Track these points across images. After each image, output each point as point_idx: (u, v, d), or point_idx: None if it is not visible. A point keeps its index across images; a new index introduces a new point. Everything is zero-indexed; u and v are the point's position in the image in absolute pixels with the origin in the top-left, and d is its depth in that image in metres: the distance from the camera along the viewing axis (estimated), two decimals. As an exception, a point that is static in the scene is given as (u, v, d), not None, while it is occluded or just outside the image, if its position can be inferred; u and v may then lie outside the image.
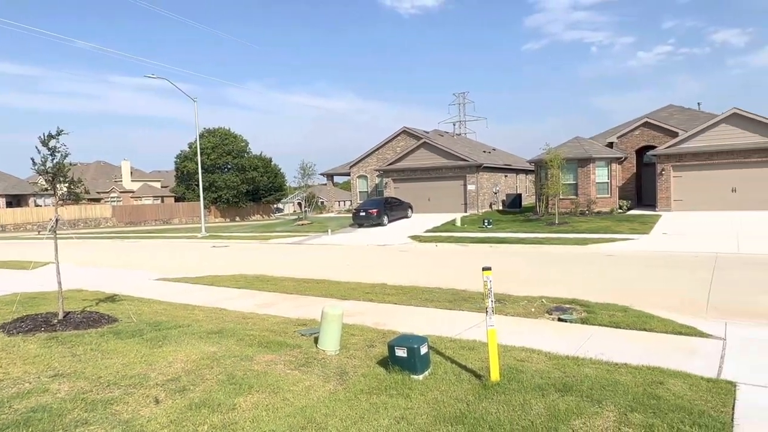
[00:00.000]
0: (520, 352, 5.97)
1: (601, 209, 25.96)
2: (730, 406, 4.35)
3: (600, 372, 5.19)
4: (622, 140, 29.01)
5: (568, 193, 26.43)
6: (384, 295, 9.88)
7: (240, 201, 48.79)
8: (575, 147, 27.21)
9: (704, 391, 4.67)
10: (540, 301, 8.79)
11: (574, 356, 5.78)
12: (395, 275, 12.65)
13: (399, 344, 5.27)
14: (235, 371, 5.26)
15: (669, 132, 27.22)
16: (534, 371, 5.25)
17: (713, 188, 23.76)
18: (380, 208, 28.01)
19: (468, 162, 31.29)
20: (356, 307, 9.01)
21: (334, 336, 6.04)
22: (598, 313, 7.76)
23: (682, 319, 7.42)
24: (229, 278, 12.91)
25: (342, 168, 42.77)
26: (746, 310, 8.28)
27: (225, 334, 6.83)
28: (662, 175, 24.90)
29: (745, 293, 9.57)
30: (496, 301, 8.81)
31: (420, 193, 32.75)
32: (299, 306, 9.32)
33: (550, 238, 19.34)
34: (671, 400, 4.44)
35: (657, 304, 8.64)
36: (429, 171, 32.65)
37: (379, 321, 7.85)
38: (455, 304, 8.85)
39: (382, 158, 37.39)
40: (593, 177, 26.36)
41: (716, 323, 7.22)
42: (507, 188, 36.25)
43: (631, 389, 4.68)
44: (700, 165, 24.12)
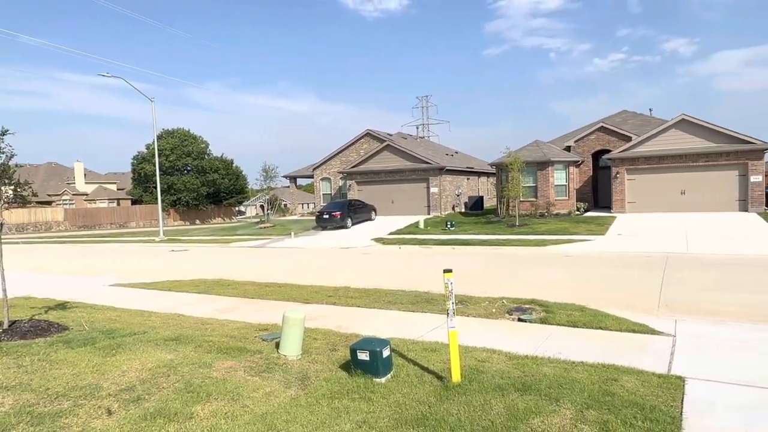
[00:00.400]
0: (481, 353, 6.05)
1: (559, 211, 26.66)
2: (679, 401, 4.52)
3: (558, 371, 5.31)
4: (579, 144, 29.90)
5: (528, 195, 27.02)
6: (347, 298, 9.84)
7: (200, 203, 47.73)
8: (535, 150, 27.86)
9: (655, 386, 4.84)
10: (501, 302, 8.94)
11: (534, 356, 5.90)
12: (358, 278, 12.62)
13: (361, 348, 5.25)
14: (193, 379, 5.12)
15: (623, 136, 28.23)
16: (494, 371, 5.32)
17: (664, 191, 24.78)
18: (344, 211, 27.92)
19: (431, 165, 31.58)
20: (319, 310, 8.93)
21: (295, 340, 5.96)
22: (557, 313, 7.94)
23: (636, 317, 7.68)
24: (188, 283, 12.59)
25: (305, 170, 42.44)
26: (694, 307, 8.65)
27: (183, 340, 6.64)
28: (617, 178, 25.79)
29: (694, 291, 10.00)
30: (458, 302, 8.92)
31: (384, 196, 32.84)
32: (260, 310, 9.17)
33: (510, 240, 19.71)
34: (625, 396, 4.59)
35: (612, 303, 8.93)
36: (392, 173, 32.78)
37: (342, 324, 7.81)
38: (418, 306, 8.89)
39: (345, 160, 37.30)
40: (552, 180, 27.04)
41: (667, 321, 7.51)
42: (469, 191, 36.77)
43: (587, 387, 4.81)
44: (652, 168, 25.11)
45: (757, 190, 23.00)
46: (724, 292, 9.82)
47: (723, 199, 23.65)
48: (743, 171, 23.28)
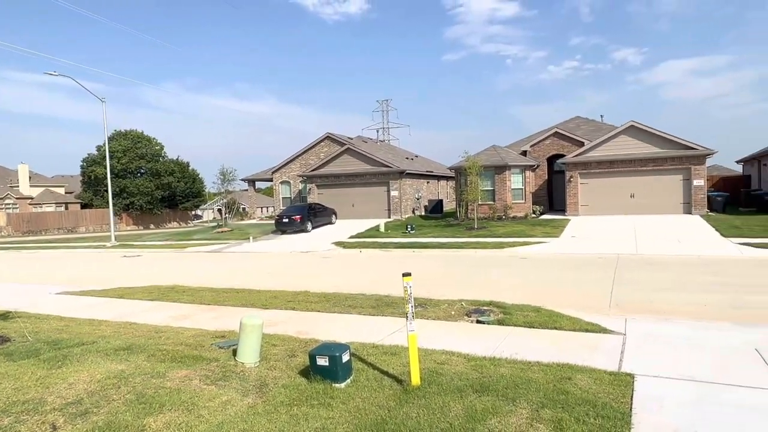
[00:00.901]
0: (440, 355, 6.10)
1: (516, 214, 27.27)
2: (629, 397, 4.69)
3: (515, 371, 5.42)
4: (534, 149, 30.70)
5: (486, 198, 27.53)
6: (307, 303, 9.74)
7: (155, 207, 46.28)
8: (492, 155, 28.42)
9: (607, 384, 5.01)
10: (460, 304, 9.04)
11: (491, 357, 5.99)
12: (319, 282, 12.53)
13: (320, 353, 5.20)
14: (145, 390, 4.94)
15: (576, 142, 29.18)
16: (453, 373, 5.37)
17: (615, 194, 25.75)
18: (304, 215, 27.68)
19: (391, 168, 31.72)
20: (278, 316, 8.80)
21: (253, 347, 5.85)
22: (514, 314, 8.10)
23: (588, 316, 7.93)
24: (142, 290, 12.18)
25: (264, 173, 41.84)
26: (643, 307, 9.01)
27: (135, 350, 6.41)
28: (571, 182, 26.61)
29: (643, 291, 10.41)
30: (418, 305, 8.97)
31: (344, 199, 32.74)
32: (217, 317, 8.96)
33: (469, 243, 20.00)
34: (578, 394, 4.72)
35: (566, 303, 9.19)
36: (353, 177, 32.73)
37: (302, 329, 7.72)
38: (378, 310, 8.90)
39: (305, 164, 37.00)
40: (509, 183, 27.64)
41: (618, 320, 7.78)
42: (429, 194, 37.12)
43: (543, 386, 4.92)
44: (603, 173, 26.04)
45: (700, 193, 24.22)
46: (671, 292, 10.27)
47: (669, 202, 24.78)
48: (687, 175, 24.46)
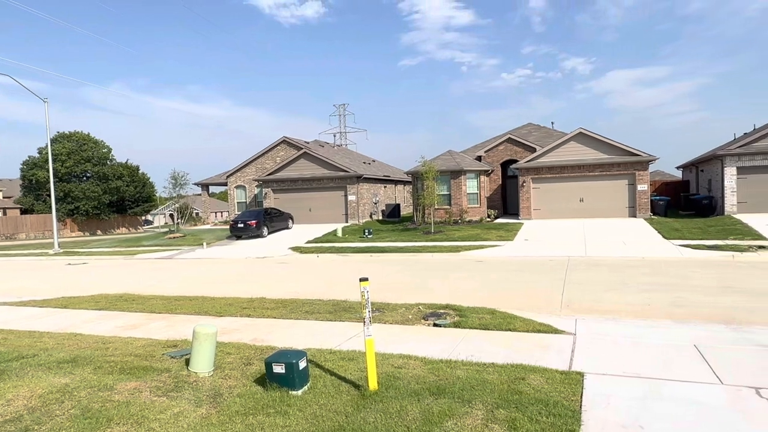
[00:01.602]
0: (397, 359, 6.13)
1: (472, 218, 27.76)
2: (579, 395, 4.86)
3: (470, 373, 5.51)
4: (489, 154, 31.38)
5: (443, 203, 27.91)
6: (263, 310, 9.59)
7: (102, 213, 44.36)
8: (448, 160, 28.85)
9: (558, 383, 5.17)
10: (417, 308, 9.13)
11: (448, 359, 6.07)
12: (275, 288, 12.36)
13: (277, 360, 5.13)
14: (91, 404, 4.74)
15: (528, 147, 30.03)
16: (410, 377, 5.42)
17: (565, 198, 26.64)
18: (259, 219, 27.24)
19: (348, 173, 31.68)
20: (233, 323, 8.62)
21: (207, 356, 5.71)
22: (470, 317, 8.24)
23: (541, 317, 8.17)
24: (88, 299, 11.66)
25: (218, 178, 40.91)
26: (592, 307, 9.36)
27: (80, 362, 6.13)
28: (523, 187, 27.34)
29: (592, 292, 10.81)
30: (376, 309, 9.00)
31: (301, 204, 32.44)
32: (169, 326, 8.69)
33: (426, 247, 20.21)
34: (531, 394, 4.85)
35: (520, 305, 9.43)
36: (310, 181, 32.49)
37: (258, 337, 7.60)
38: (336, 315, 8.86)
39: (261, 168, 36.44)
40: (465, 188, 28.12)
41: (568, 320, 8.05)
42: (386, 198, 37.28)
43: (498, 387, 5.03)
44: (554, 177, 26.90)
45: (644, 198, 25.38)
46: (618, 292, 10.70)
47: (616, 206, 25.85)
48: (632, 180, 25.60)
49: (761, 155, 23.44)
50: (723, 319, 8.06)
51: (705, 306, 9.13)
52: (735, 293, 10.16)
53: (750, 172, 23.74)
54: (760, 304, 9.19)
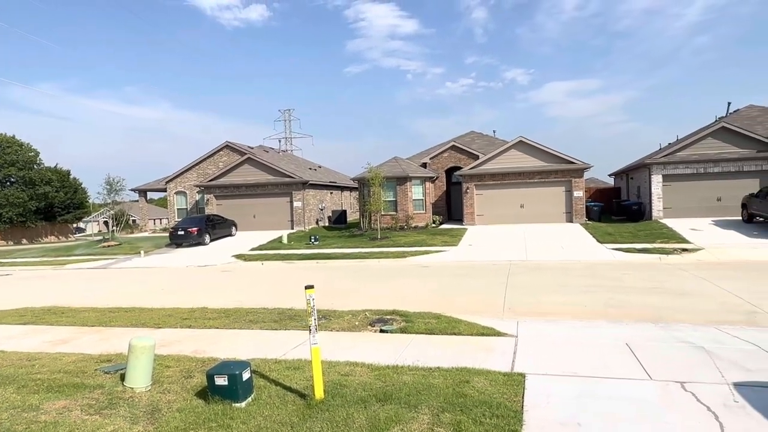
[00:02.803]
0: (344, 367, 6.09)
1: (417, 224, 28.11)
2: (521, 395, 5.01)
3: (417, 378, 5.56)
4: (434, 161, 31.94)
5: (389, 209, 28.11)
6: (205, 320, 9.28)
7: (28, 220, 41.57)
8: (394, 166, 29.11)
9: (501, 384, 5.30)
10: (364, 314, 9.12)
11: (395, 365, 6.10)
12: (218, 297, 12.00)
13: (219, 372, 4.97)
14: (14, 426, 4.41)
15: (472, 155, 30.81)
16: (357, 384, 5.39)
17: (507, 204, 27.49)
18: (201, 226, 26.40)
19: (294, 179, 31.31)
20: (173, 335, 8.29)
21: (143, 370, 5.45)
22: (416, 322, 8.32)
23: (484, 321, 8.36)
24: (11, 313, 10.88)
25: (157, 183, 39.35)
26: (533, 309, 9.68)
27: (1, 381, 5.69)
28: (467, 193, 27.99)
29: (532, 294, 11.18)
30: (322, 317, 8.92)
31: (245, 210, 31.72)
32: (103, 339, 8.24)
33: (373, 253, 20.26)
34: (476, 396, 4.95)
35: (465, 309, 9.61)
36: (254, 187, 31.84)
37: (199, 348, 7.34)
38: (281, 324, 8.70)
39: (203, 173, 35.37)
40: (410, 194, 28.45)
41: (511, 322, 8.29)
42: (333, 205, 37.11)
43: (443, 391, 5.10)
44: (496, 184, 27.71)
45: (579, 203, 26.59)
46: (557, 294, 11.13)
47: (554, 212, 26.93)
48: (569, 187, 26.77)
49: (683, 164, 25.14)
50: (652, 318, 8.55)
51: (636, 306, 9.65)
52: (662, 293, 10.81)
53: (674, 180, 25.40)
54: (684, 303, 9.82)
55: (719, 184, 24.77)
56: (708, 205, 24.76)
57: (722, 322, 8.13)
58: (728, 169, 24.66)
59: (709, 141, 25.13)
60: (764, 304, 9.33)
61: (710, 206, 24.69)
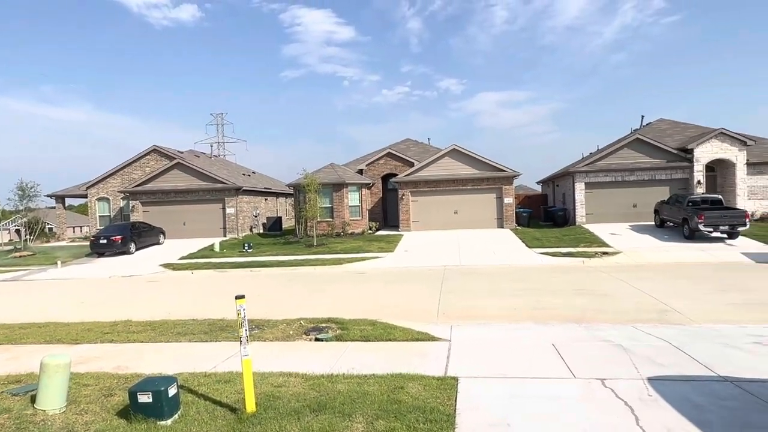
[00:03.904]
0: (278, 378, 5.95)
1: (354, 230, 28.10)
2: (454, 399, 5.10)
3: (351, 386, 5.53)
4: (370, 167, 32.12)
5: (325, 215, 27.93)
6: (128, 334, 8.77)
7: (-75, 229, 37.73)
8: (330, 173, 28.99)
9: (435, 389, 5.38)
10: (298, 323, 8.97)
11: (329, 374, 6.03)
12: (144, 309, 11.40)
13: (142, 389, 4.71)
14: None
15: (407, 162, 31.27)
16: (291, 395, 5.29)
17: (442, 210, 28.09)
18: (126, 235, 25.01)
19: (227, 185, 30.41)
20: (92, 351, 7.78)
21: (57, 390, 5.07)
22: (351, 329, 8.29)
23: (419, 326, 8.46)
24: None
25: (77, 189, 36.90)
26: (466, 313, 9.91)
27: None
28: (403, 200, 28.34)
29: (466, 299, 11.46)
30: (255, 326, 8.69)
31: (174, 218, 30.41)
32: (12, 358, 7.58)
33: (309, 260, 20.03)
34: (410, 402, 4.99)
35: (400, 314, 9.69)
36: (184, 194, 30.62)
37: (122, 364, 6.93)
38: (212, 336, 8.39)
39: (128, 179, 33.58)
40: (347, 201, 28.42)
41: (444, 327, 8.44)
42: (267, 211, 36.37)
43: (378, 398, 5.10)
44: (431, 191, 28.26)
45: (510, 210, 27.64)
46: (489, 298, 11.47)
47: (486, 218, 27.82)
48: (499, 194, 27.76)
49: (603, 172, 26.78)
50: (576, 319, 9.00)
51: (561, 308, 10.13)
52: (585, 295, 11.41)
53: (595, 187, 26.99)
54: (604, 303, 10.42)
55: (635, 192, 26.59)
56: (625, 211, 26.49)
57: (638, 320, 8.69)
58: (642, 177, 26.54)
59: (625, 151, 26.95)
60: (674, 303, 10.08)
61: (627, 212, 26.44)
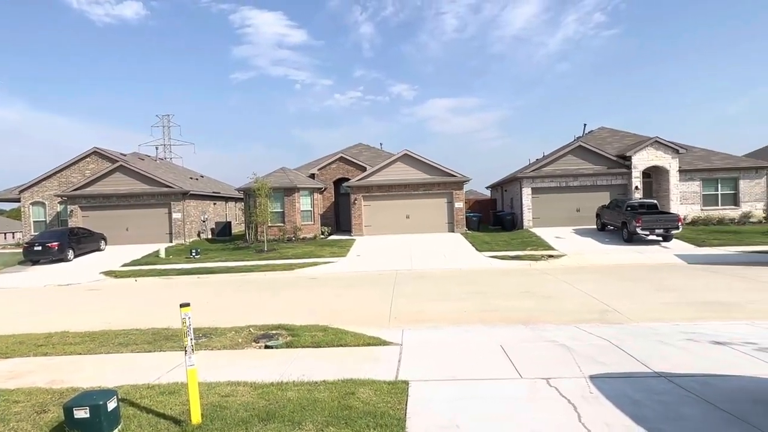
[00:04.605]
0: (225, 387, 5.80)
1: (306, 235, 27.83)
2: (404, 403, 5.13)
3: (302, 393, 5.46)
4: (322, 172, 31.94)
5: (276, 220, 27.52)
6: (65, 346, 8.32)
7: None
8: (282, 177, 28.61)
9: (386, 393, 5.39)
10: (248, 330, 8.78)
11: (279, 382, 5.93)
12: (83, 319, 10.85)
13: (79, 404, 4.48)
14: None
15: (359, 167, 31.30)
16: (239, 405, 5.16)
17: (394, 215, 28.28)
18: (63, 241, 23.72)
19: (173, 189, 29.44)
20: (24, 365, 7.32)
21: (-16, 409, 4.74)
22: (302, 336, 8.19)
23: (371, 331, 8.47)
24: None
25: (8, 193, 34.74)
26: (417, 316, 10.01)
27: None
28: (355, 204, 28.33)
29: (417, 303, 11.57)
30: (203, 335, 8.45)
31: (117, 223, 29.14)
32: (-68, 376, 7.03)
33: (259, 266, 19.66)
34: (360, 407, 4.97)
35: (352, 319, 9.67)
36: (127, 198, 29.41)
37: (57, 378, 6.55)
38: (156, 345, 8.08)
39: (66, 182, 31.92)
40: (298, 205, 28.12)
41: (396, 331, 8.48)
42: (216, 216, 35.47)
43: (328, 404, 5.06)
44: (383, 195, 28.40)
45: (460, 214, 28.16)
46: (439, 301, 11.62)
47: (437, 222, 28.22)
48: (450, 199, 28.24)
49: (549, 178, 27.76)
50: (523, 320, 9.26)
51: (509, 309, 10.39)
52: (532, 297, 11.76)
53: (541, 192, 27.93)
54: (550, 305, 10.77)
55: (578, 197, 27.70)
56: (569, 215, 27.54)
57: (581, 321, 9.04)
58: (585, 183, 27.68)
59: (569, 158, 28.06)
60: (614, 303, 10.55)
61: (571, 216, 27.49)
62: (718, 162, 28.34)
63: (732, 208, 27.71)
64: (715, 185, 27.99)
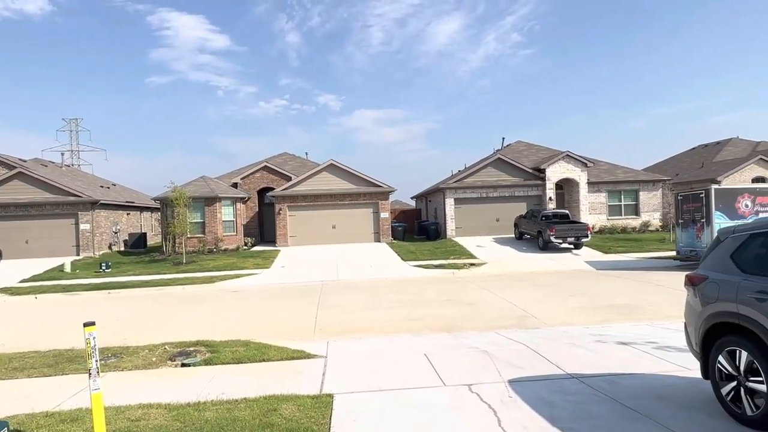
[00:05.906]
0: (136, 411, 5.41)
1: (228, 246, 26.88)
2: (329, 417, 5.03)
3: (220, 413, 5.20)
4: (245, 181, 31.09)
5: (196, 231, 26.38)
6: (-53, 373, 7.42)
7: None
8: (202, 186, 27.52)
9: (309, 408, 5.26)
10: (163, 348, 8.29)
11: (196, 402, 5.63)
12: (-31, 343, 9.75)
13: (-39, 439, 3.99)
14: None
15: (284, 176, 30.80)
16: (151, 428, 4.83)
17: (320, 225, 28.04)
18: (-51, 256, 21.32)
19: (81, 198, 27.40)
20: None
21: None
22: (222, 352, 7.85)
23: (295, 344, 8.28)
24: None
25: None
26: (343, 327, 9.93)
27: None
28: (280, 214, 27.80)
29: (343, 313, 11.49)
30: (112, 355, 7.90)
31: (14, 235, 26.62)
32: None
33: (177, 279, 18.71)
34: (283, 424, 4.82)
35: (276, 333, 9.42)
36: (27, 207, 26.99)
37: (-64, 411, 5.81)
38: (57, 369, 7.41)
39: (-47, 190, 28.79)
40: (220, 216, 27.14)
41: (321, 344, 8.35)
42: (130, 227, 33.42)
43: (249, 423, 4.85)
44: (309, 205, 28.10)
45: (386, 224, 28.45)
46: (366, 311, 11.62)
47: (363, 232, 28.32)
48: (376, 209, 28.47)
49: (470, 189, 28.78)
50: (447, 328, 9.45)
51: (434, 318, 10.58)
52: (455, 304, 12.06)
53: (463, 203, 28.87)
54: (472, 312, 11.10)
55: (498, 207, 28.91)
56: (490, 225, 28.66)
57: (501, 326, 9.38)
58: (504, 194, 28.97)
59: (489, 170, 29.26)
60: (531, 308, 11.06)
61: (491, 226, 28.62)
62: (621, 175, 30.73)
63: (633, 217, 30.10)
64: (619, 196, 30.30)
